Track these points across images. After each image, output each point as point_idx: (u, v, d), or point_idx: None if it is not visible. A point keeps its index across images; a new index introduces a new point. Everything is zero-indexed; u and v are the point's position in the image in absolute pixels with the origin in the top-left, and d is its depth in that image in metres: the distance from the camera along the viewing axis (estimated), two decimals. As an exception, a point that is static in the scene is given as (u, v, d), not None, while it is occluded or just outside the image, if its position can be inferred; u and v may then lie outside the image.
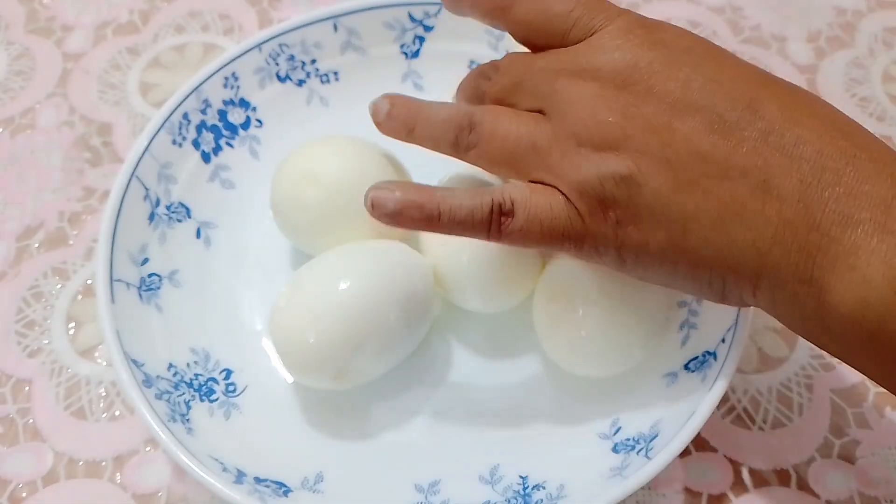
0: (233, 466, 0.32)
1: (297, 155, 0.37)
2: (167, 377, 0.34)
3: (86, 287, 0.40)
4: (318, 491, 0.33)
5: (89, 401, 0.37)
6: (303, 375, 0.34)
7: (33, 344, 0.38)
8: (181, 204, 0.39)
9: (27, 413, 0.36)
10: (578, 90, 0.28)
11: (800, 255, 0.25)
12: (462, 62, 0.43)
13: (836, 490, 0.34)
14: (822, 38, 0.49)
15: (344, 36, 0.42)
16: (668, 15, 0.50)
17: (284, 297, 0.34)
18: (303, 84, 0.42)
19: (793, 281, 0.25)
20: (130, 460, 0.35)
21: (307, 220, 0.36)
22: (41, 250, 0.41)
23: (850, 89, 0.47)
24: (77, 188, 0.43)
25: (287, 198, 0.36)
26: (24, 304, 0.39)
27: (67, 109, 0.45)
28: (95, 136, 0.44)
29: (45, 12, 0.49)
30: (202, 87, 0.40)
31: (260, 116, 0.42)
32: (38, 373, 0.37)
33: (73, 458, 0.35)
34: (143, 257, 0.36)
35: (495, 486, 0.33)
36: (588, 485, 0.32)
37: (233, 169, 0.41)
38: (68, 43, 0.48)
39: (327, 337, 0.32)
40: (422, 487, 0.33)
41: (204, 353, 0.36)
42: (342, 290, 0.32)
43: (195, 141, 0.40)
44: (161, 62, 0.47)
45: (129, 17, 0.49)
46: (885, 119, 0.45)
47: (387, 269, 0.33)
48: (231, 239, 0.39)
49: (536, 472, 0.33)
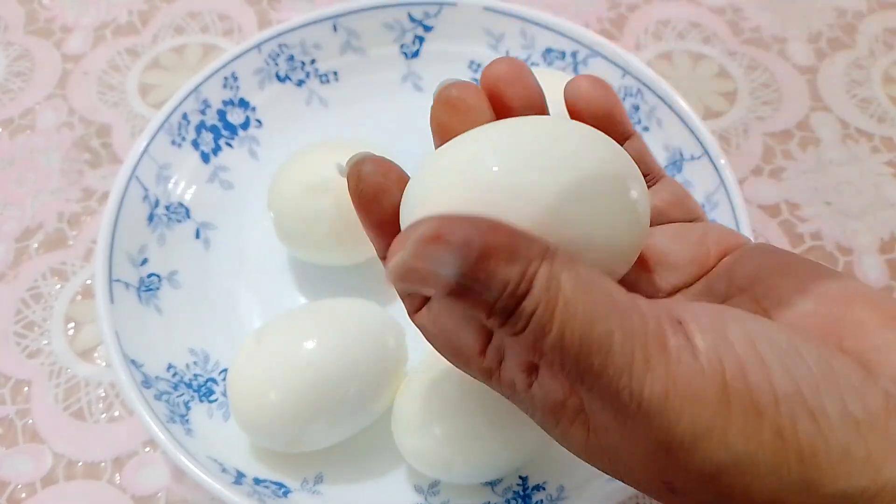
0: (232, 467, 0.32)
1: (299, 163, 0.37)
2: (166, 378, 0.34)
3: (85, 288, 0.40)
4: (317, 492, 0.33)
5: (88, 402, 0.37)
6: (255, 437, 0.33)
7: (32, 345, 0.38)
8: (180, 205, 0.39)
9: (26, 414, 0.36)
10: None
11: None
12: (462, 62, 0.43)
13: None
14: (823, 40, 0.49)
15: (343, 36, 0.42)
16: (668, 16, 0.50)
17: (246, 351, 0.32)
18: (302, 84, 0.42)
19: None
20: (129, 461, 0.35)
21: (315, 232, 0.36)
22: (40, 251, 0.41)
23: (851, 90, 0.47)
24: (76, 189, 0.43)
25: (291, 209, 0.36)
26: (23, 305, 0.39)
27: (67, 110, 0.45)
28: (95, 137, 0.44)
29: (45, 13, 0.49)
30: (201, 88, 0.40)
31: (259, 117, 0.42)
32: (37, 374, 0.37)
33: (72, 459, 0.35)
34: (142, 258, 0.36)
35: (495, 487, 0.33)
36: (588, 486, 0.31)
37: (232, 170, 0.41)
38: (68, 44, 0.48)
39: (281, 408, 0.31)
40: (421, 488, 0.33)
41: (203, 354, 0.36)
42: (302, 359, 0.31)
43: (194, 141, 0.40)
44: (160, 63, 0.47)
45: (129, 18, 0.49)
46: (885, 120, 0.45)
47: (353, 337, 0.32)
48: (230, 239, 0.39)
49: (536, 473, 0.33)
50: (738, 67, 0.47)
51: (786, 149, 0.44)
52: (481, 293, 0.19)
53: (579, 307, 0.19)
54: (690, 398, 0.19)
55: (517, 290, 0.19)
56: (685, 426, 0.19)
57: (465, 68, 0.42)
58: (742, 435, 0.19)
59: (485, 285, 0.19)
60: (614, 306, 0.19)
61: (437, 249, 0.19)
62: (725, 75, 0.47)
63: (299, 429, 0.31)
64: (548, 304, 0.19)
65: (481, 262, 0.19)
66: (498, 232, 0.19)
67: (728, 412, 0.18)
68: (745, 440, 0.18)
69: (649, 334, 0.19)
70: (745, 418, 0.19)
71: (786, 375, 0.19)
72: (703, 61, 0.48)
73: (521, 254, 0.19)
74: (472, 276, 0.19)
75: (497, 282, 0.19)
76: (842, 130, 0.45)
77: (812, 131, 0.45)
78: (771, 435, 0.19)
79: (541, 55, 0.41)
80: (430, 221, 0.19)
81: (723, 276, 0.24)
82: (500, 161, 0.21)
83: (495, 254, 0.19)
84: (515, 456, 0.31)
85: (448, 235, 0.19)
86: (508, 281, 0.19)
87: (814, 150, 0.44)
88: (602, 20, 0.49)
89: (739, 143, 0.44)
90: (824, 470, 0.19)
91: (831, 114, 0.46)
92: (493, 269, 0.19)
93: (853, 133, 0.45)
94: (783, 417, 0.19)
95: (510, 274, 0.19)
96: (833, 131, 0.45)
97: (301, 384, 0.31)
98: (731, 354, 0.19)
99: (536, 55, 0.41)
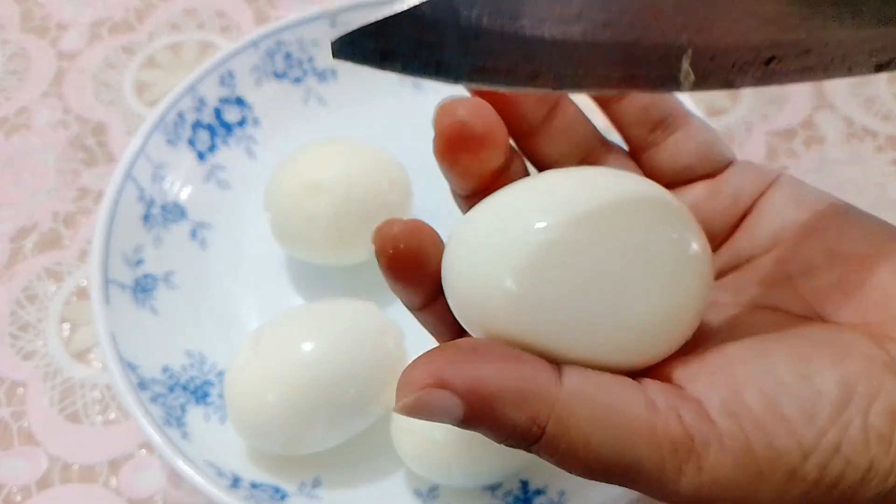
0: (229, 471, 0.31)
1: (296, 162, 0.36)
2: (162, 380, 0.33)
3: (80, 289, 0.39)
4: (315, 496, 0.32)
5: (84, 404, 0.36)
6: (252, 440, 0.32)
7: (27, 346, 0.38)
8: (176, 204, 0.38)
9: (21, 417, 0.36)
10: None
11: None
12: (461, 60, 0.42)
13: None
14: (826, 36, 0.48)
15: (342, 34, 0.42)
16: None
17: (243, 353, 0.32)
18: (300, 82, 0.42)
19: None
20: (125, 465, 0.35)
21: (312, 232, 0.35)
22: (35, 252, 0.40)
23: (855, 89, 0.46)
24: (71, 189, 0.42)
25: (289, 209, 0.35)
26: (17, 306, 0.39)
27: (62, 109, 0.45)
28: (90, 135, 0.44)
29: (40, 11, 0.49)
30: (197, 86, 0.39)
31: (256, 115, 0.41)
32: (32, 376, 0.37)
33: (67, 462, 0.35)
34: (137, 258, 0.36)
35: (495, 492, 0.32)
36: (589, 490, 0.31)
37: (228, 169, 0.40)
38: (63, 42, 0.48)
39: (278, 410, 0.30)
40: (420, 492, 0.33)
41: (199, 356, 0.35)
42: (299, 360, 0.31)
43: (190, 140, 0.39)
44: (156, 61, 0.47)
45: (125, 15, 0.49)
46: (890, 118, 0.45)
47: (351, 339, 0.31)
48: (226, 240, 0.39)
49: (537, 476, 0.33)
50: (741, 65, 0.47)
51: (789, 147, 0.44)
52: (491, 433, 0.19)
53: (600, 439, 0.18)
54: (726, 484, 0.19)
55: (529, 434, 0.19)
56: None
57: (465, 66, 0.42)
58: (775, 496, 0.19)
59: (494, 429, 0.19)
60: (636, 428, 0.19)
61: (440, 398, 0.18)
62: (728, 73, 0.47)
63: (297, 431, 0.31)
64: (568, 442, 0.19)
65: (487, 410, 0.18)
66: (504, 376, 0.19)
67: (760, 482, 0.19)
68: (778, 499, 0.19)
69: (676, 439, 0.19)
70: (778, 482, 0.19)
71: (808, 424, 0.19)
72: (705, 59, 0.47)
73: (529, 400, 0.18)
74: (479, 422, 0.19)
75: (506, 427, 0.19)
76: (846, 129, 0.45)
77: (816, 130, 0.45)
78: (805, 486, 0.19)
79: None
80: (430, 364, 0.19)
81: (746, 237, 0.24)
82: (546, 226, 0.19)
83: (502, 403, 0.18)
84: (516, 460, 0.31)
85: (451, 382, 0.18)
86: (517, 425, 0.18)
87: (818, 149, 0.44)
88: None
89: (743, 142, 0.44)
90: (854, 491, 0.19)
91: (836, 112, 0.45)
92: (500, 417, 0.18)
93: (858, 132, 0.44)
94: (813, 469, 0.19)
95: (519, 419, 0.18)
96: (837, 130, 0.44)
97: (298, 386, 0.31)
98: (752, 423, 0.19)
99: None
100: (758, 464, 0.19)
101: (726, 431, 0.19)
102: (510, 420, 0.18)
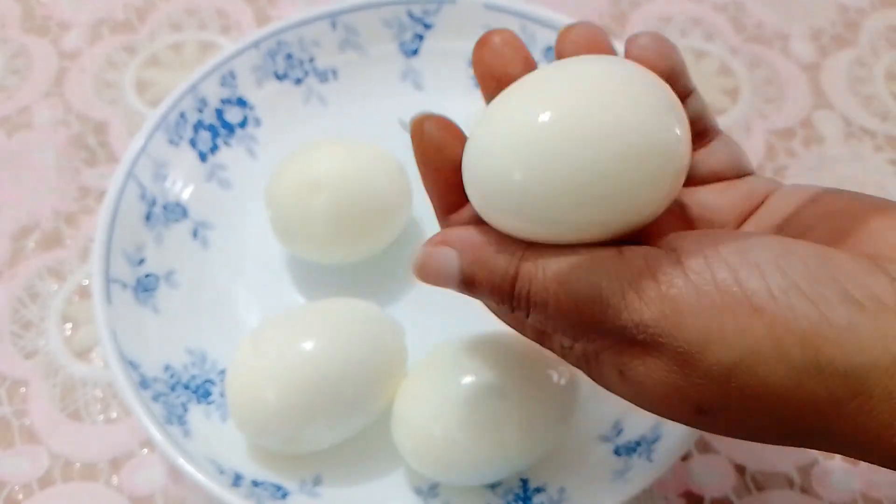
0: (230, 469, 0.32)
1: (296, 160, 0.36)
2: (164, 378, 0.34)
3: (82, 288, 0.39)
4: (316, 494, 0.32)
5: (85, 402, 0.36)
6: (253, 437, 0.32)
7: (29, 345, 0.38)
8: (178, 204, 0.38)
9: (23, 415, 0.36)
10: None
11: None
12: (462, 60, 0.42)
13: (840, 492, 0.34)
14: (826, 37, 0.48)
15: (342, 34, 0.42)
16: (670, 12, 0.49)
17: (244, 351, 0.32)
18: (301, 82, 0.42)
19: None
20: (127, 463, 0.35)
21: (313, 230, 0.35)
22: (37, 250, 0.40)
23: (854, 88, 0.46)
24: (73, 188, 0.42)
25: (289, 207, 0.36)
26: (19, 304, 0.39)
27: (63, 108, 0.45)
28: (91, 135, 0.44)
29: (42, 10, 0.49)
30: (199, 86, 0.39)
31: (257, 115, 0.41)
32: (33, 374, 0.37)
33: (69, 460, 0.35)
34: (139, 257, 0.36)
35: (495, 489, 0.33)
36: (589, 488, 0.31)
37: (230, 168, 0.40)
38: (64, 41, 0.48)
39: (279, 408, 0.31)
40: (421, 490, 0.33)
41: (200, 354, 0.36)
42: (300, 358, 0.31)
43: (192, 140, 0.39)
44: (158, 60, 0.47)
45: (126, 14, 0.49)
46: (888, 118, 0.45)
47: (352, 337, 0.32)
48: (228, 239, 0.39)
49: (537, 475, 0.33)
50: (741, 64, 0.47)
51: (788, 147, 0.44)
52: (484, 281, 0.23)
53: (567, 276, 0.21)
54: (686, 312, 0.20)
55: (509, 273, 0.22)
56: (688, 338, 0.20)
57: (466, 66, 0.42)
58: (738, 332, 0.19)
59: (484, 271, 0.23)
60: (598, 262, 0.21)
61: (441, 251, 0.23)
62: (728, 72, 0.47)
63: (298, 429, 0.31)
64: (542, 284, 0.22)
65: (479, 262, 0.23)
66: (489, 233, 0.23)
67: (723, 316, 0.20)
68: (742, 336, 0.19)
69: (635, 271, 0.21)
70: (741, 317, 0.19)
71: (779, 272, 0.20)
72: (705, 58, 0.47)
73: (508, 247, 0.23)
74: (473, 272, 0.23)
75: (492, 267, 0.23)
76: (845, 128, 0.45)
77: (815, 129, 0.45)
78: (768, 326, 0.19)
79: (541, 53, 0.40)
80: (437, 235, 0.24)
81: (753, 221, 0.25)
82: (552, 113, 0.21)
83: (487, 247, 0.23)
84: (516, 457, 0.31)
85: (449, 240, 0.23)
86: (500, 265, 0.22)
87: (817, 148, 0.44)
88: (603, 16, 0.49)
89: (742, 141, 0.44)
90: (831, 347, 0.19)
91: (834, 111, 0.45)
92: (486, 259, 0.23)
93: (856, 131, 0.45)
94: (781, 309, 0.19)
95: (499, 261, 0.23)
96: (836, 129, 0.45)
97: (300, 384, 0.31)
98: (722, 266, 0.20)
99: (537, 53, 0.41)
100: (721, 297, 0.20)
101: (693, 267, 0.20)
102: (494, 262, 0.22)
